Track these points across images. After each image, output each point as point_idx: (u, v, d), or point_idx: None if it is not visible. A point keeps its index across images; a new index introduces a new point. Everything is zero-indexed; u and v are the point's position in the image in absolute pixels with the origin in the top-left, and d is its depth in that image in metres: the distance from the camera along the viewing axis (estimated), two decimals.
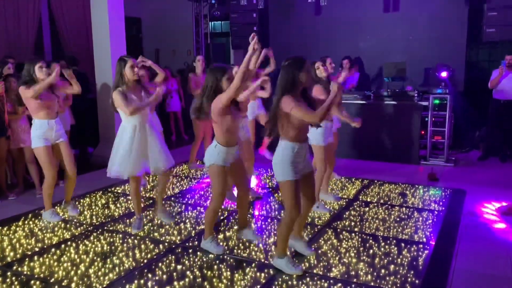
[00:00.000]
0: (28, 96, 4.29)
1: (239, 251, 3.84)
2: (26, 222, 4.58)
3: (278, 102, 3.18)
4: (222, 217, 4.64)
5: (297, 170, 3.28)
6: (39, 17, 9.18)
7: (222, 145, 3.55)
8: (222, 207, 4.90)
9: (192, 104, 6.39)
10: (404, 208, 4.88)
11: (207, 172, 3.70)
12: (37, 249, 3.92)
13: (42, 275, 3.45)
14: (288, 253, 3.58)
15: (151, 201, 5.17)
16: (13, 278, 3.40)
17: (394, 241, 4.02)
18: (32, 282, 3.34)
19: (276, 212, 4.81)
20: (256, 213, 4.79)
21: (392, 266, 3.54)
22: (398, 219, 4.56)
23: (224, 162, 3.57)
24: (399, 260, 3.65)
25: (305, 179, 3.40)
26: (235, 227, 4.34)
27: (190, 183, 6.03)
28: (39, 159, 4.51)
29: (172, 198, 5.33)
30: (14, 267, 3.58)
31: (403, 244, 3.94)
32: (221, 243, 3.94)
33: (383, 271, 3.47)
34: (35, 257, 3.74)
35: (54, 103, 4.49)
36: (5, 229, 4.38)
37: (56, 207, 4.84)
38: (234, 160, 3.69)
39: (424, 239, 4.06)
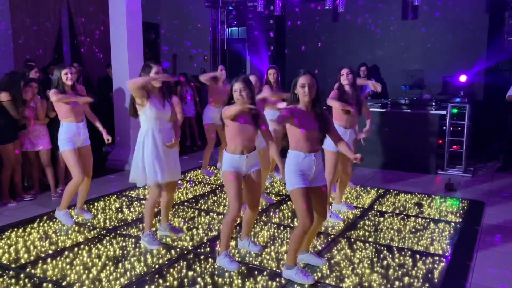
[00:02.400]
0: (54, 100, 4.41)
1: (250, 259, 3.81)
2: (41, 224, 4.63)
3: None
4: (235, 224, 4.61)
5: (305, 178, 3.25)
6: (59, 23, 9.34)
7: (227, 151, 3.53)
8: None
9: (205, 110, 6.46)
10: (420, 219, 4.79)
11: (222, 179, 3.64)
12: (50, 252, 3.95)
13: (54, 278, 3.47)
14: (301, 264, 3.55)
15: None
16: (26, 280, 3.42)
17: (409, 252, 3.94)
18: (45, 285, 3.36)
19: (289, 220, 4.76)
20: (273, 220, 4.76)
21: (406, 278, 3.46)
22: (413, 230, 4.48)
23: (233, 167, 3.49)
24: (413, 272, 3.57)
25: (315, 192, 3.35)
26: None
27: (203, 188, 6.03)
28: (66, 162, 4.56)
29: (186, 203, 5.33)
30: (28, 269, 3.62)
31: (418, 256, 3.86)
32: (233, 250, 3.93)
33: (397, 283, 3.40)
34: (48, 260, 3.77)
35: (79, 109, 4.57)
36: (20, 231, 4.43)
37: (70, 211, 4.88)
38: (249, 172, 3.59)
39: (440, 251, 3.97)
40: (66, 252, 3.92)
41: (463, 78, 7.07)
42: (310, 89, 3.22)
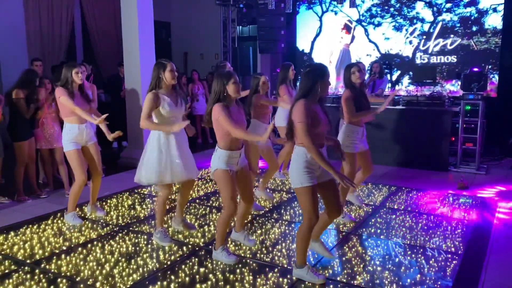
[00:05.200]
0: (62, 102, 4.40)
1: (262, 255, 3.82)
2: (54, 221, 4.69)
3: (292, 108, 3.23)
4: (245, 221, 4.63)
5: (313, 176, 3.22)
6: (72, 21, 9.44)
7: (221, 148, 3.52)
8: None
9: None
10: (432, 217, 4.76)
11: (213, 178, 3.64)
12: (64, 248, 4.01)
13: (68, 274, 3.52)
14: (312, 261, 3.55)
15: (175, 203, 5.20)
16: (41, 275, 3.48)
17: (421, 250, 3.92)
18: (59, 280, 3.41)
19: (300, 218, 4.76)
20: (284, 217, 4.77)
21: (418, 276, 3.45)
22: (425, 228, 4.45)
23: (227, 165, 3.50)
24: (425, 270, 3.55)
25: (326, 187, 3.34)
26: (258, 231, 4.34)
27: (215, 185, 6.05)
28: (70, 162, 4.59)
29: (197, 201, 5.36)
30: (42, 265, 3.67)
31: (430, 254, 3.84)
32: (244, 247, 3.95)
33: (408, 280, 3.38)
34: (63, 256, 3.83)
35: (86, 108, 4.53)
36: (35, 227, 4.50)
37: (83, 207, 4.94)
38: (240, 167, 3.64)
39: (453, 249, 3.94)
40: (79, 248, 3.98)
41: (476, 69, 6.97)
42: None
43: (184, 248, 3.99)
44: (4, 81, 7.39)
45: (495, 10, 7.90)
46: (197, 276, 3.47)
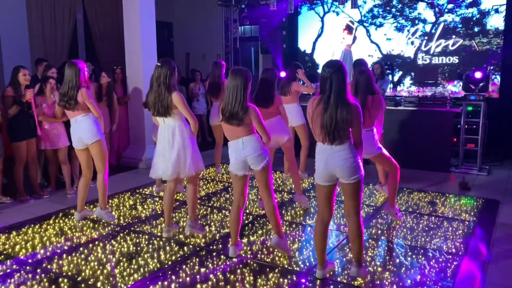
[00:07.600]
0: (89, 106, 4.45)
1: (262, 256, 3.83)
2: (56, 221, 4.71)
3: (353, 109, 3.07)
4: (247, 221, 4.65)
5: None
6: (74, 22, 9.46)
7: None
8: (247, 210, 4.92)
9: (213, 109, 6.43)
10: (433, 218, 4.76)
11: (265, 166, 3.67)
12: (66, 248, 4.03)
13: (70, 273, 3.54)
14: (313, 261, 3.55)
15: (177, 203, 5.22)
16: (43, 275, 3.50)
17: (422, 251, 3.92)
18: (60, 280, 3.43)
19: (301, 218, 4.77)
20: (285, 218, 4.77)
21: (418, 277, 3.45)
22: (426, 229, 4.45)
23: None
24: (426, 271, 3.55)
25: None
26: (259, 232, 4.35)
27: (216, 186, 6.06)
28: (101, 151, 4.53)
29: (198, 201, 5.37)
30: (44, 265, 3.69)
31: (431, 255, 3.84)
32: (245, 247, 3.97)
33: (409, 281, 3.39)
34: (64, 256, 3.85)
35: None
36: (36, 227, 4.51)
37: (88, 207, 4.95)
38: None
39: (454, 250, 3.94)
40: (81, 248, 4.00)
41: (478, 74, 6.97)
42: None
43: (185, 248, 4.00)
44: (6, 82, 7.42)
45: (497, 11, 7.89)
46: (198, 276, 3.48)
